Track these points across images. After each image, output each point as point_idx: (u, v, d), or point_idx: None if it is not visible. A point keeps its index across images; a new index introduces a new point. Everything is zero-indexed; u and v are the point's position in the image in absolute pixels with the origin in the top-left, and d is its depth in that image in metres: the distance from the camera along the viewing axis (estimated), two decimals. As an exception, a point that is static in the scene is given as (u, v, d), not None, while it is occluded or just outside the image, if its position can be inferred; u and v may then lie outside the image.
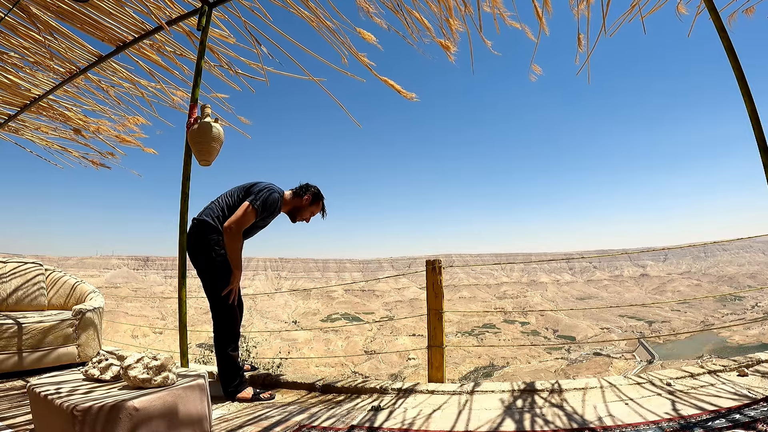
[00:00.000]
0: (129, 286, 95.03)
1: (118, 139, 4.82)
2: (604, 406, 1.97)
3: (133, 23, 3.15)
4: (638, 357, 59.43)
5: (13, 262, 3.76)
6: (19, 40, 3.24)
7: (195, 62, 3.16)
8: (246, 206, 2.55)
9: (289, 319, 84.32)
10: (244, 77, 3.63)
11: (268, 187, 2.70)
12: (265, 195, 2.62)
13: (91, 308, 3.56)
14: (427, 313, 3.00)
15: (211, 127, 2.76)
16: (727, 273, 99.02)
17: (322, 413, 2.17)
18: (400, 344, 66.39)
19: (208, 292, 2.58)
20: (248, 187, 2.71)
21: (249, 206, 2.55)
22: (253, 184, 2.73)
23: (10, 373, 3.10)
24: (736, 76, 2.27)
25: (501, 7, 2.63)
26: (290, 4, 2.90)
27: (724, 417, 1.66)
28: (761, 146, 2.20)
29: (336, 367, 55.90)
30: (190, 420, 1.73)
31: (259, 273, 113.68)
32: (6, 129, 4.66)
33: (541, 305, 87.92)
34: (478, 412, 2.04)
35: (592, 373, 50.73)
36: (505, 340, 70.48)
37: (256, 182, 2.76)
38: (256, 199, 2.58)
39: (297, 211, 2.85)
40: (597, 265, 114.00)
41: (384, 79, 3.12)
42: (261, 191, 2.63)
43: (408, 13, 2.84)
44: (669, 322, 72.73)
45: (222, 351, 2.54)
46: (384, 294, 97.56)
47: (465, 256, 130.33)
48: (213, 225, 2.58)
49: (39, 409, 1.72)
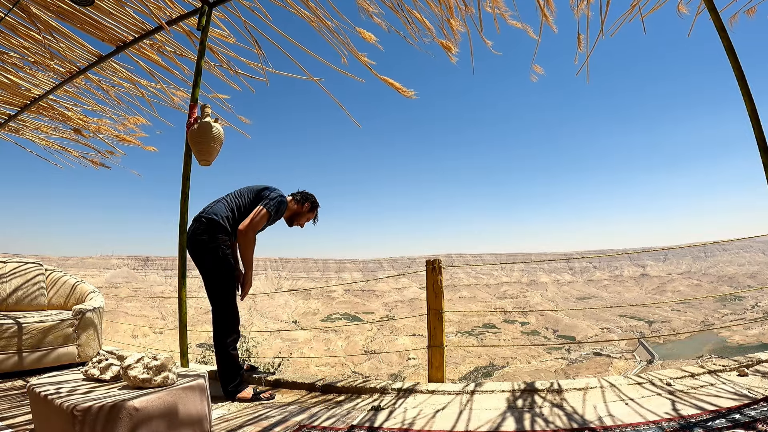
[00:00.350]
0: (129, 286, 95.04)
1: (118, 139, 4.82)
2: (604, 406, 1.97)
3: (133, 23, 3.15)
4: (638, 357, 59.45)
5: (13, 262, 3.76)
6: (19, 40, 3.24)
7: (195, 62, 3.17)
8: (261, 210, 2.64)
9: (289, 319, 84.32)
10: (244, 77, 3.63)
11: (281, 194, 2.81)
12: (278, 201, 2.73)
13: (91, 308, 3.55)
14: (427, 313, 3.00)
15: (211, 127, 2.76)
16: (727, 273, 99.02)
17: (322, 413, 2.16)
18: (400, 344, 66.41)
19: (209, 291, 2.58)
20: (259, 191, 2.77)
21: (264, 210, 2.64)
22: (263, 188, 2.80)
23: (10, 373, 3.10)
24: (736, 76, 2.27)
25: (502, 6, 2.63)
26: (290, 4, 2.90)
27: (724, 417, 1.66)
28: (761, 146, 2.20)
29: (336, 367, 55.91)
30: (190, 420, 1.73)
31: (259, 273, 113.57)
32: (6, 129, 4.66)
33: (541, 305, 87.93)
34: (479, 412, 2.04)
35: (592, 373, 50.75)
36: (505, 340, 70.48)
37: (266, 186, 2.82)
38: (270, 205, 2.67)
39: (296, 217, 2.96)
40: (597, 265, 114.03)
41: (383, 78, 3.12)
42: (275, 198, 2.72)
43: (408, 13, 2.84)
44: (669, 322, 72.74)
45: (222, 351, 2.54)
46: (384, 294, 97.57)
47: (465, 256, 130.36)
48: (222, 225, 2.60)
49: (39, 409, 1.72)
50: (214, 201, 2.75)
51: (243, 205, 2.71)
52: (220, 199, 2.75)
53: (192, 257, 2.68)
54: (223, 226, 2.59)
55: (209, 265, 2.58)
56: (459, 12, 2.76)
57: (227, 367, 2.55)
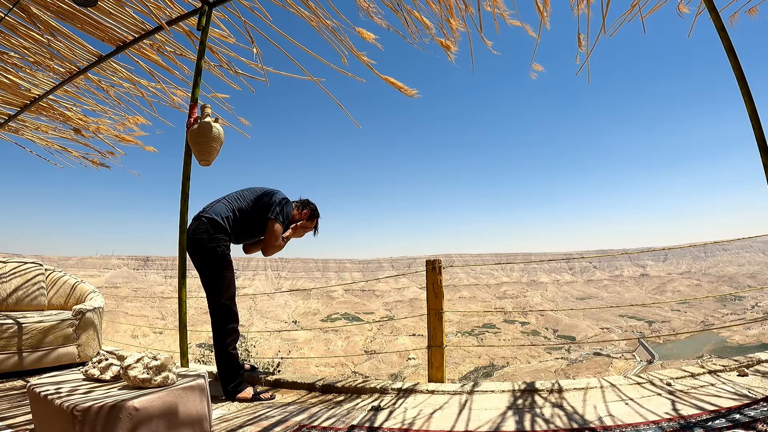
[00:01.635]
0: (129, 286, 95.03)
1: (118, 139, 4.82)
2: (604, 406, 1.97)
3: (133, 23, 3.15)
4: (638, 357, 59.44)
5: (13, 262, 3.76)
6: (19, 40, 3.24)
7: (195, 62, 3.16)
8: (277, 227, 2.70)
9: (289, 319, 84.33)
10: (244, 77, 3.63)
11: (285, 197, 2.81)
12: (283, 205, 2.75)
13: (91, 308, 3.55)
14: (427, 313, 2.99)
15: (211, 127, 2.76)
16: (727, 273, 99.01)
17: (322, 413, 2.16)
18: (400, 344, 66.40)
19: (208, 290, 2.58)
20: (262, 195, 2.77)
21: (277, 224, 2.70)
22: (266, 192, 2.79)
23: (10, 373, 3.10)
24: (736, 76, 2.27)
25: (501, 6, 2.63)
26: (290, 4, 2.90)
27: (724, 417, 1.66)
28: (761, 146, 2.20)
29: (336, 367, 55.91)
30: (190, 420, 1.73)
31: (259, 273, 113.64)
32: (6, 129, 4.66)
33: (541, 305, 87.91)
34: (479, 412, 2.04)
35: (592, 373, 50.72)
36: (505, 340, 70.48)
37: (268, 190, 2.81)
38: (279, 215, 2.70)
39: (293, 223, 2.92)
40: (597, 265, 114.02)
41: (385, 78, 3.12)
42: (279, 203, 2.73)
43: (408, 13, 2.84)
44: (669, 322, 72.74)
45: (222, 350, 2.54)
46: (384, 294, 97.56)
47: (465, 256, 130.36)
48: (222, 225, 2.60)
49: (39, 409, 1.72)
50: (215, 200, 2.75)
51: (244, 207, 2.71)
52: (221, 199, 2.75)
53: (191, 256, 2.68)
54: (222, 226, 2.59)
55: (208, 264, 2.58)
56: (459, 12, 2.76)
57: (227, 367, 2.55)
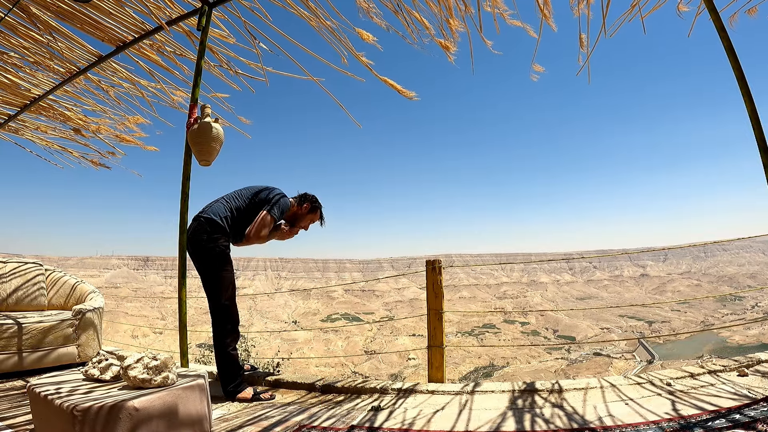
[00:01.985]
0: (129, 286, 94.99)
1: (118, 139, 4.82)
2: (604, 406, 1.97)
3: (133, 23, 3.15)
4: (638, 357, 59.44)
5: (13, 262, 3.76)
6: (19, 40, 3.24)
7: (195, 62, 3.16)
8: (265, 215, 2.65)
9: (289, 319, 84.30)
10: (244, 77, 3.63)
11: (281, 192, 2.79)
12: (279, 201, 2.72)
13: (91, 308, 3.55)
14: (427, 313, 3.00)
15: (211, 127, 2.76)
16: (727, 273, 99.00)
17: (322, 413, 2.16)
18: (400, 344, 66.38)
19: (208, 290, 2.58)
20: (258, 192, 2.76)
21: (268, 215, 2.65)
22: (263, 189, 2.78)
23: (10, 373, 3.10)
24: (736, 76, 2.27)
25: (501, 6, 2.63)
26: (290, 4, 2.90)
27: (724, 417, 1.66)
28: (761, 146, 2.20)
29: (336, 367, 55.89)
30: (190, 420, 1.73)
31: (259, 273, 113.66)
32: (6, 129, 4.66)
33: (541, 305, 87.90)
34: (479, 412, 2.04)
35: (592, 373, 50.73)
36: (505, 340, 70.46)
37: (265, 187, 2.81)
38: (273, 208, 2.67)
39: (296, 219, 2.92)
40: (597, 265, 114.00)
41: (384, 79, 3.12)
42: (275, 198, 2.71)
43: (408, 13, 2.84)
44: (669, 322, 72.72)
45: (222, 351, 2.54)
46: (384, 294, 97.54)
47: (465, 256, 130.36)
48: (221, 224, 2.60)
49: (39, 409, 1.72)
50: (214, 200, 2.75)
51: (242, 206, 2.71)
52: (220, 199, 2.75)
53: (190, 256, 2.68)
54: (221, 226, 2.60)
55: (207, 265, 2.58)
56: (458, 12, 2.76)
57: (227, 367, 2.55)
